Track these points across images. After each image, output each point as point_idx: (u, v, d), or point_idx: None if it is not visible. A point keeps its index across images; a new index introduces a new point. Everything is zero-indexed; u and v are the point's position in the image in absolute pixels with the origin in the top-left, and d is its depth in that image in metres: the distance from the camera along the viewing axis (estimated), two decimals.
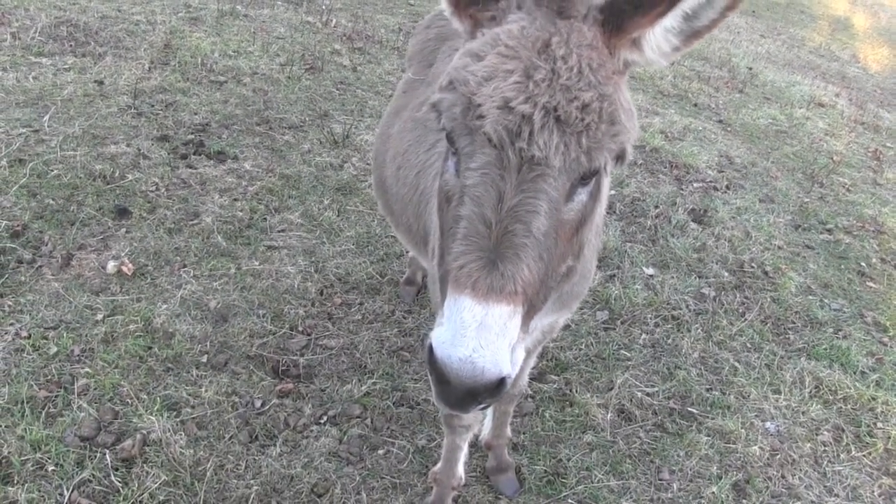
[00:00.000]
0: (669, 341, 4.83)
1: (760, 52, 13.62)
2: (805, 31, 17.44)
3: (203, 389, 3.82)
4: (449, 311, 1.53)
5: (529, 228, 1.53)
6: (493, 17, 1.71)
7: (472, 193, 1.57)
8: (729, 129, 9.10)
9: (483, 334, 1.47)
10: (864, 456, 4.17)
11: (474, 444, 3.63)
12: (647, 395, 4.36)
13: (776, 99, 10.77)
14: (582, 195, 1.67)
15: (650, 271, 5.53)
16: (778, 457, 4.06)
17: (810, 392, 4.55)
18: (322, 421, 3.81)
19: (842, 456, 4.15)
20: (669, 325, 4.99)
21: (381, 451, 3.72)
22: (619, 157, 1.64)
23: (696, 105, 9.77)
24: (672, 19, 1.63)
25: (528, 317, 1.63)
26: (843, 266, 6.19)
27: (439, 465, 3.43)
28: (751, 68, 12.01)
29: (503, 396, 1.68)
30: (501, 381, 1.51)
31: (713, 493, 3.76)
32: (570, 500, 3.63)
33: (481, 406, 1.61)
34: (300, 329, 4.36)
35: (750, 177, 7.62)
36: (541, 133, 1.51)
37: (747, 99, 10.50)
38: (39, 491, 3.18)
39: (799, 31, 17.14)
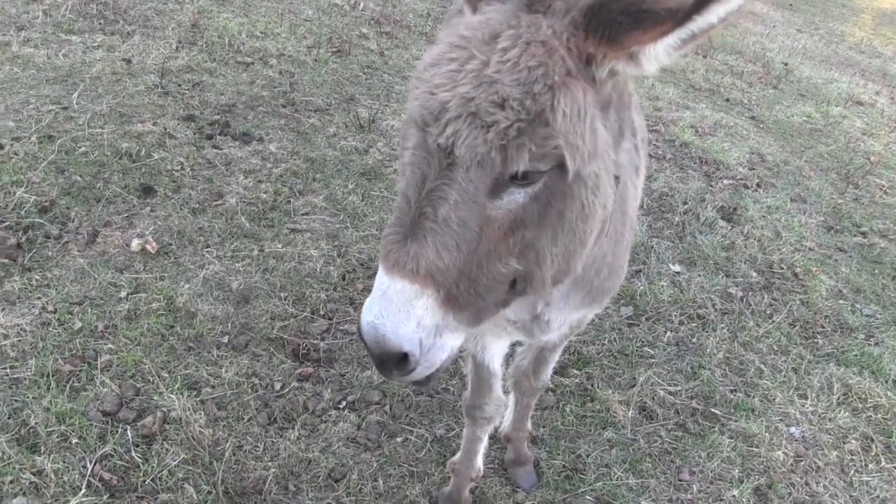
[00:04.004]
0: (694, 340, 4.76)
1: (797, 47, 13.37)
2: (846, 25, 17.07)
3: (223, 370, 3.82)
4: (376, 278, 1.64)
5: (437, 214, 1.55)
6: (487, 3, 1.70)
7: (404, 172, 1.64)
8: (761, 125, 8.96)
9: (384, 304, 1.58)
10: (894, 468, 4.08)
11: (493, 436, 3.59)
12: (670, 393, 4.30)
13: (812, 96, 10.58)
14: (518, 197, 1.59)
15: (677, 268, 5.45)
16: (802, 463, 3.98)
17: (838, 399, 4.45)
18: (341, 406, 3.79)
19: (870, 466, 4.06)
20: (694, 324, 4.92)
21: (399, 439, 3.70)
22: (561, 168, 1.56)
23: (728, 100, 9.62)
24: (677, 37, 1.53)
25: (457, 308, 1.65)
26: (876, 271, 6.07)
27: (458, 455, 3.41)
28: (786, 63, 11.79)
29: (415, 375, 1.70)
30: (405, 357, 1.61)
31: (734, 496, 3.70)
32: (587, 497, 3.59)
33: (404, 378, 1.70)
34: (321, 313, 4.34)
35: (782, 175, 7.49)
36: (454, 122, 1.51)
37: (781, 95, 10.32)
38: (64, 462, 3.20)
39: (839, 26, 16.78)
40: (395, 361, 1.63)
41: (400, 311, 1.57)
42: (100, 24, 7.26)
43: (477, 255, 1.61)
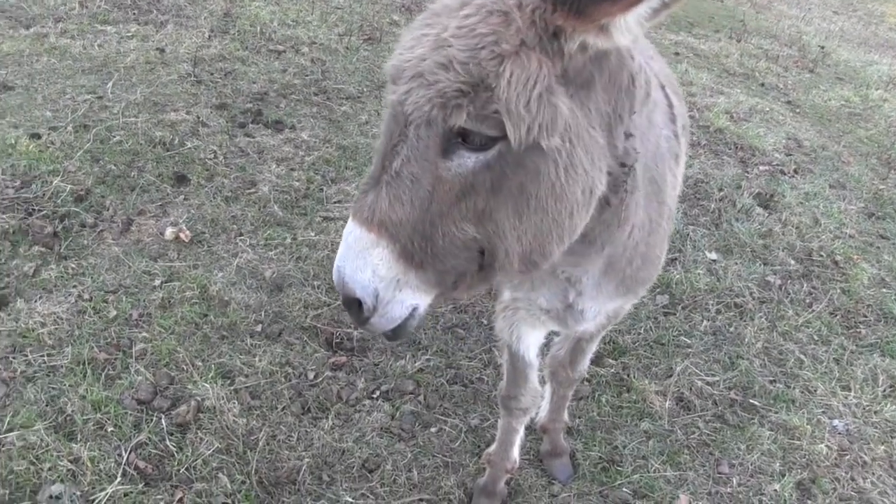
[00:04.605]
0: (732, 329, 4.67)
1: (833, 30, 13.08)
2: (886, 5, 16.58)
3: (257, 359, 3.82)
4: None
5: (391, 167, 1.63)
6: None
7: (381, 130, 1.72)
8: (798, 110, 8.77)
9: (346, 250, 1.70)
10: None
11: (529, 427, 3.55)
12: (708, 384, 4.22)
13: (850, 79, 10.33)
14: (467, 161, 1.62)
15: (713, 256, 5.35)
16: (847, 457, 3.88)
17: (884, 391, 4.33)
18: (375, 396, 3.78)
19: None
20: (732, 313, 4.83)
21: (433, 429, 3.67)
22: (496, 136, 1.58)
23: (763, 85, 9.44)
24: (647, 6, 1.50)
25: (417, 266, 1.70)
26: None
27: (494, 446, 3.37)
28: (822, 47, 11.53)
29: (374, 326, 1.77)
30: (358, 303, 1.70)
31: (775, 490, 3.62)
32: (624, 489, 3.54)
33: (365, 326, 1.77)
34: None
35: (820, 161, 7.32)
36: (408, 82, 1.59)
37: (818, 79, 10.10)
38: (100, 450, 3.22)
39: (878, 6, 16.35)
40: (352, 306, 1.74)
41: (357, 257, 1.68)
42: (134, 14, 7.32)
43: (430, 214, 1.65)
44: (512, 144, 1.55)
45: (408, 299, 1.74)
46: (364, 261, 1.67)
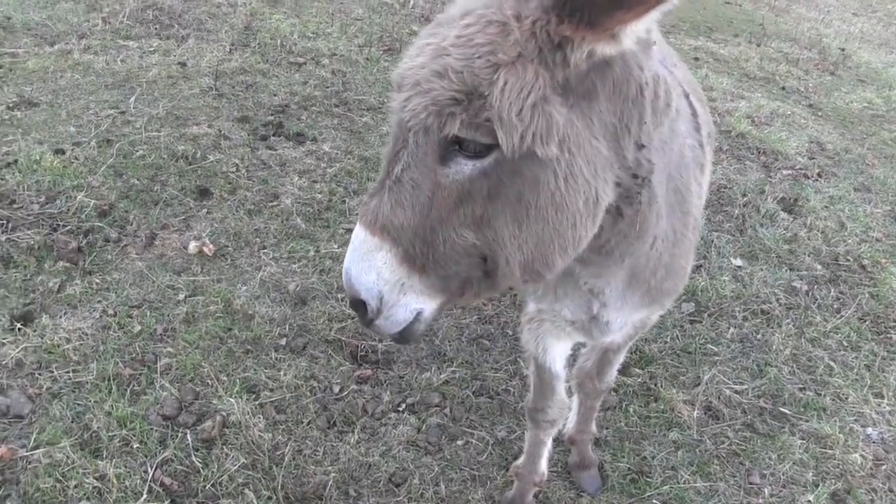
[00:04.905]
0: (759, 336, 4.61)
1: (853, 32, 12.94)
2: None
3: (282, 373, 3.81)
4: None
5: (393, 172, 1.68)
6: None
7: (390, 136, 1.76)
8: (819, 113, 8.68)
9: (352, 252, 1.76)
10: None
11: (556, 438, 3.51)
12: (736, 392, 4.17)
13: (872, 81, 10.21)
14: (464, 168, 1.64)
15: (738, 262, 5.30)
16: (883, 467, 3.80)
17: None
18: (400, 409, 3.76)
19: None
20: (759, 320, 4.77)
21: (459, 442, 3.64)
22: (491, 144, 1.60)
23: (783, 88, 9.35)
24: (658, 13, 1.51)
25: (420, 271, 1.73)
26: None
27: (521, 459, 3.35)
28: (843, 49, 11.41)
29: (381, 328, 1.82)
30: (362, 304, 1.77)
31: (809, 501, 3.55)
32: (654, 501, 3.49)
33: (372, 328, 1.82)
34: None
35: (843, 164, 7.23)
36: (407, 90, 1.62)
37: (839, 81, 10.00)
38: (126, 467, 3.21)
39: None
40: (359, 308, 1.79)
41: (362, 259, 1.74)
42: (155, 29, 7.38)
43: (430, 219, 1.68)
44: (505, 152, 1.57)
45: (412, 303, 1.78)
46: (369, 263, 1.73)
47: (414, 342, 3.97)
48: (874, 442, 3.94)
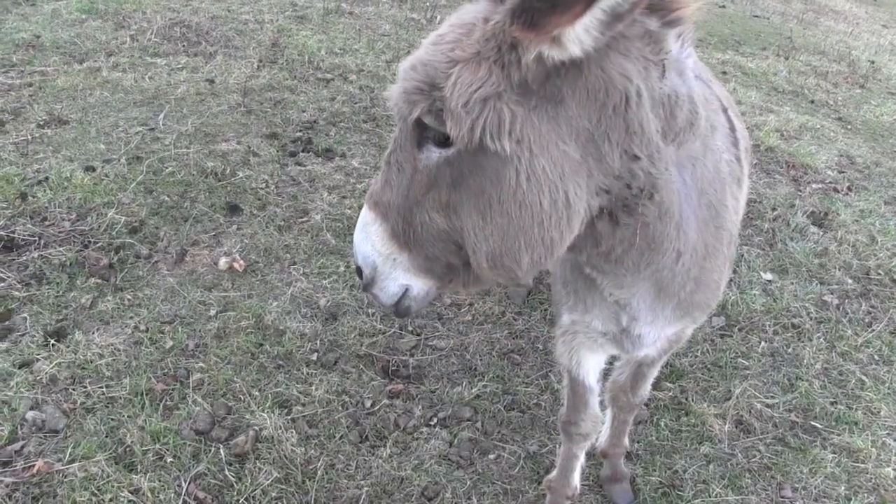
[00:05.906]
0: (790, 350, 4.57)
1: (883, 44, 12.86)
2: None
3: (314, 388, 3.82)
4: None
5: (388, 154, 1.88)
6: None
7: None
8: (849, 126, 8.61)
9: (358, 224, 1.97)
10: None
11: (588, 452, 3.49)
12: (767, 406, 4.13)
13: None
14: (433, 155, 1.76)
15: (768, 276, 5.26)
16: None
17: None
18: (432, 423, 3.75)
19: None
20: (789, 334, 4.72)
21: (491, 456, 3.63)
22: (440, 127, 1.71)
23: (812, 102, 9.30)
24: (591, 18, 1.51)
25: (406, 247, 1.89)
26: None
27: (554, 472, 3.33)
28: (873, 62, 11.34)
29: (377, 295, 2.01)
30: (359, 270, 1.99)
31: None
32: None
33: (368, 293, 2.02)
34: (409, 329, 4.31)
35: (874, 178, 7.17)
36: (398, 82, 1.77)
37: (869, 94, 9.93)
38: (160, 481, 3.23)
39: None
40: (360, 274, 2.00)
41: (361, 230, 1.95)
42: (183, 46, 7.47)
43: (409, 200, 1.83)
44: (453, 140, 1.67)
45: (400, 278, 1.96)
46: (365, 234, 1.94)
47: (410, 317, 4.24)
48: None
